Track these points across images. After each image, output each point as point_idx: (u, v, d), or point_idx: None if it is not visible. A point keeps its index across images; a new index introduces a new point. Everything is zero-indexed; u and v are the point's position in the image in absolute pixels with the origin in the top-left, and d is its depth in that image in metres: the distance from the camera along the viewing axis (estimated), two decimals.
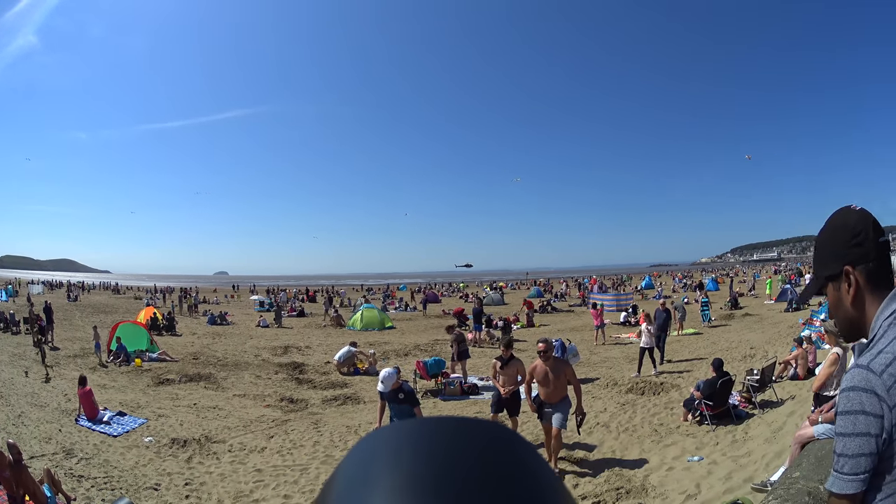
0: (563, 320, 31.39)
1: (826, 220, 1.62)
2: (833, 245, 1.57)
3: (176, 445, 9.66)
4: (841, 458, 1.42)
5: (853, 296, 1.53)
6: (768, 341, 18.17)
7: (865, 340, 1.52)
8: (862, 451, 1.38)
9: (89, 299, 50.58)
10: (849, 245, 1.52)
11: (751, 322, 24.93)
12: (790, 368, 12.50)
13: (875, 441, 1.37)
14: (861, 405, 1.39)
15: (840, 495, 1.42)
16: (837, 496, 1.43)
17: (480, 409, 12.60)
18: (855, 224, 1.53)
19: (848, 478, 1.40)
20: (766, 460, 7.53)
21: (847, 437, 1.41)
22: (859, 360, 1.46)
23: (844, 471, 1.41)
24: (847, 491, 1.40)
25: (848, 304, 1.54)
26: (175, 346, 21.78)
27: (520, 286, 72.15)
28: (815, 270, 1.67)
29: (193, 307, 39.15)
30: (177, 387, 14.71)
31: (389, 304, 43.87)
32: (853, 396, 1.41)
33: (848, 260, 1.52)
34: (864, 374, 1.40)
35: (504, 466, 0.40)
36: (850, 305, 1.54)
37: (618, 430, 9.96)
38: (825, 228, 1.61)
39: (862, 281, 1.51)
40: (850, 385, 1.42)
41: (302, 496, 7.73)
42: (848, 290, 1.53)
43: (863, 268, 1.51)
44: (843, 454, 1.41)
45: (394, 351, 20.58)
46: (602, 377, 14.83)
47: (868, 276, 1.51)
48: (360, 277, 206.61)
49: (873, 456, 1.38)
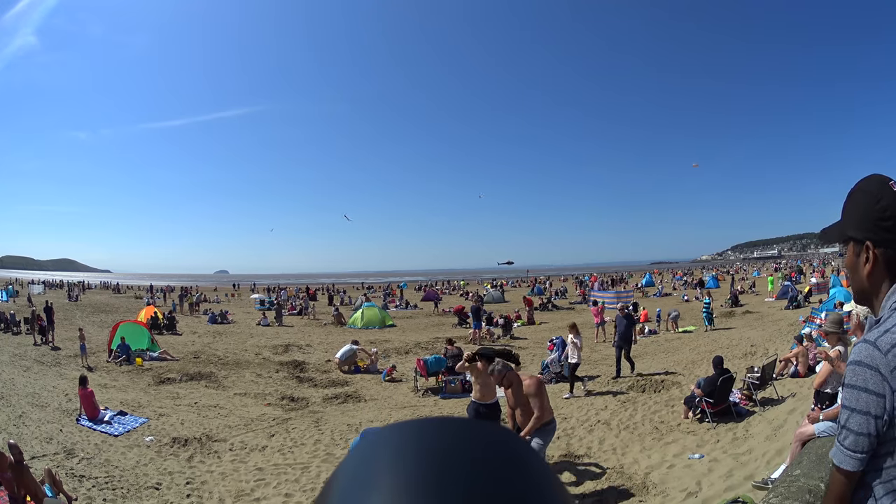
0: (564, 318, 31.04)
1: (862, 182, 1.59)
2: (863, 214, 1.55)
3: (177, 444, 9.66)
4: (844, 430, 1.44)
5: (869, 271, 1.53)
6: (769, 339, 18.17)
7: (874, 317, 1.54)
8: (861, 430, 1.40)
9: (90, 299, 50.47)
10: (876, 222, 1.51)
11: (751, 319, 24.92)
12: (791, 366, 12.49)
13: (875, 423, 1.39)
14: (865, 382, 1.40)
15: (839, 469, 1.45)
16: (837, 469, 1.46)
17: None
18: (888, 206, 1.50)
19: (848, 452, 1.43)
20: (767, 458, 7.53)
21: (851, 411, 1.42)
22: (867, 334, 1.47)
23: (846, 444, 1.43)
24: (845, 466, 1.43)
25: (863, 274, 1.54)
26: (176, 345, 21.79)
27: (520, 284, 72.15)
28: (841, 221, 1.65)
29: (194, 306, 39.14)
30: (178, 386, 14.72)
31: (390, 302, 43.94)
32: (858, 371, 1.42)
33: (872, 236, 1.52)
34: (870, 350, 1.42)
35: (504, 467, 0.40)
36: (865, 277, 1.54)
37: (618, 428, 9.96)
38: (861, 189, 1.58)
39: (881, 261, 1.51)
40: (856, 359, 1.44)
41: (303, 495, 7.73)
42: (865, 263, 1.53)
43: (883, 251, 1.51)
44: (846, 427, 1.43)
45: (394, 349, 20.60)
46: (603, 375, 14.84)
47: (887, 260, 1.51)
48: (361, 276, 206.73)
49: (871, 437, 1.40)
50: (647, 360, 16.58)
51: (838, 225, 1.66)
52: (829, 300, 20.89)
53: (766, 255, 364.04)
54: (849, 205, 1.61)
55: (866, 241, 1.52)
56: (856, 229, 1.55)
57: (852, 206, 1.60)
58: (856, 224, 1.56)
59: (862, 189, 1.57)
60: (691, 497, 6.77)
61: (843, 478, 1.44)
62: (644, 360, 16.71)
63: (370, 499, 0.37)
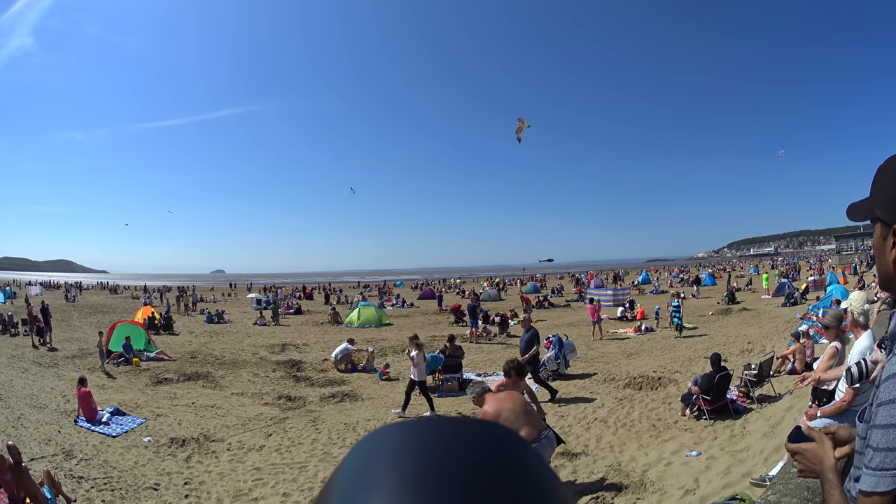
0: (560, 316, 31.40)
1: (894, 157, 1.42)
2: (894, 194, 1.40)
3: (175, 445, 9.66)
4: (878, 452, 1.30)
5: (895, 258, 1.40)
6: (765, 336, 18.25)
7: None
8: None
9: (87, 300, 50.67)
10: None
11: (748, 317, 25.03)
12: (788, 363, 12.58)
13: None
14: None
15: (873, 493, 1.30)
16: (866, 494, 1.31)
17: None
18: None
19: (885, 473, 1.29)
20: (765, 455, 7.58)
21: (888, 429, 1.29)
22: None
23: (885, 466, 1.29)
24: (878, 488, 1.29)
25: (889, 259, 1.40)
26: (173, 345, 21.77)
27: (516, 282, 72.16)
28: (870, 198, 1.48)
29: (191, 306, 39.10)
30: (175, 386, 14.72)
31: (387, 300, 43.90)
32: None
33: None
34: None
35: (504, 467, 0.40)
36: (892, 262, 1.40)
37: (615, 426, 9.99)
38: (891, 166, 1.41)
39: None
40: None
41: (301, 494, 7.75)
42: (893, 248, 1.39)
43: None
44: (880, 447, 1.29)
45: (391, 348, 20.59)
46: (599, 372, 14.88)
47: None
48: (357, 274, 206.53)
49: None
50: (643, 358, 16.66)
51: (867, 202, 1.49)
52: (826, 297, 21.17)
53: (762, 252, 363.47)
54: (879, 182, 1.44)
55: (894, 224, 1.37)
56: (886, 210, 1.40)
57: (883, 184, 1.43)
58: (886, 204, 1.40)
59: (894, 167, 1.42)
60: (689, 494, 6.80)
61: (880, 499, 1.29)
62: (641, 357, 16.84)
63: (370, 499, 0.38)
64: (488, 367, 16.85)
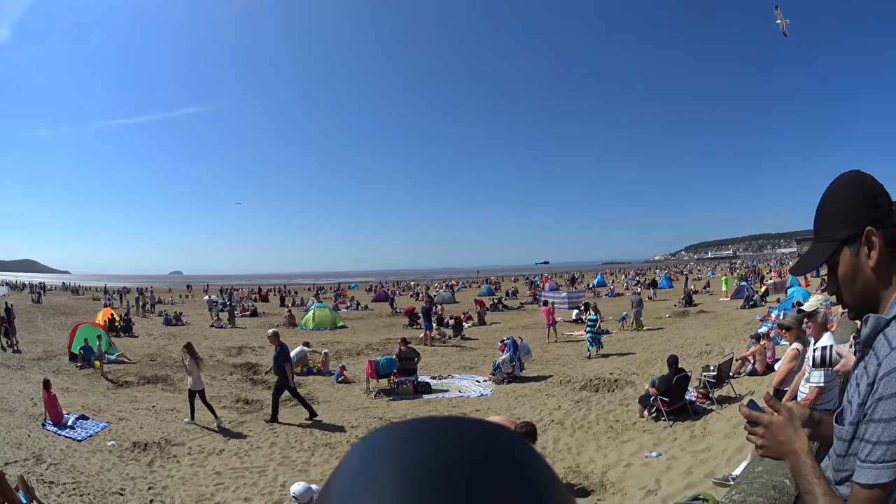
0: (515, 318, 31.76)
1: (834, 182, 1.48)
2: (853, 204, 1.43)
3: (137, 449, 9.76)
4: (878, 445, 1.27)
5: (877, 260, 1.39)
6: (724, 338, 18.50)
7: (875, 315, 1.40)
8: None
9: (50, 301, 50.26)
10: (870, 205, 1.41)
11: (706, 319, 25.32)
12: (748, 364, 12.82)
13: None
14: None
15: (874, 485, 1.27)
16: (867, 486, 1.28)
17: (434, 407, 12.92)
18: (872, 184, 1.43)
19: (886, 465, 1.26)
20: (727, 455, 7.75)
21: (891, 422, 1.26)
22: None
23: (887, 458, 1.26)
24: (880, 480, 1.27)
25: (869, 269, 1.40)
26: (132, 347, 21.73)
27: (471, 284, 72.62)
28: (821, 235, 1.49)
29: (149, 307, 38.90)
30: (135, 389, 14.71)
31: (341, 303, 44.09)
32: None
33: (870, 221, 1.39)
34: None
35: (503, 466, 0.41)
36: (873, 271, 1.40)
37: (573, 427, 10.18)
38: (837, 187, 1.47)
39: (884, 245, 1.39)
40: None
41: (262, 499, 7.96)
42: (869, 255, 1.40)
43: (884, 231, 1.39)
44: (881, 441, 1.27)
45: (346, 350, 20.77)
46: (555, 375, 15.20)
47: (889, 241, 1.40)
48: (312, 276, 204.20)
49: None
50: (599, 360, 17.05)
51: (820, 246, 1.49)
52: (787, 299, 20.75)
53: (720, 255, 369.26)
54: (828, 208, 1.49)
55: (866, 228, 1.39)
56: (849, 224, 1.42)
57: (835, 206, 1.47)
58: (845, 220, 1.43)
59: (840, 185, 1.47)
60: (651, 495, 6.95)
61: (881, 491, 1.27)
62: (597, 359, 17.18)
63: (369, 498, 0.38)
64: (443, 369, 17.08)
